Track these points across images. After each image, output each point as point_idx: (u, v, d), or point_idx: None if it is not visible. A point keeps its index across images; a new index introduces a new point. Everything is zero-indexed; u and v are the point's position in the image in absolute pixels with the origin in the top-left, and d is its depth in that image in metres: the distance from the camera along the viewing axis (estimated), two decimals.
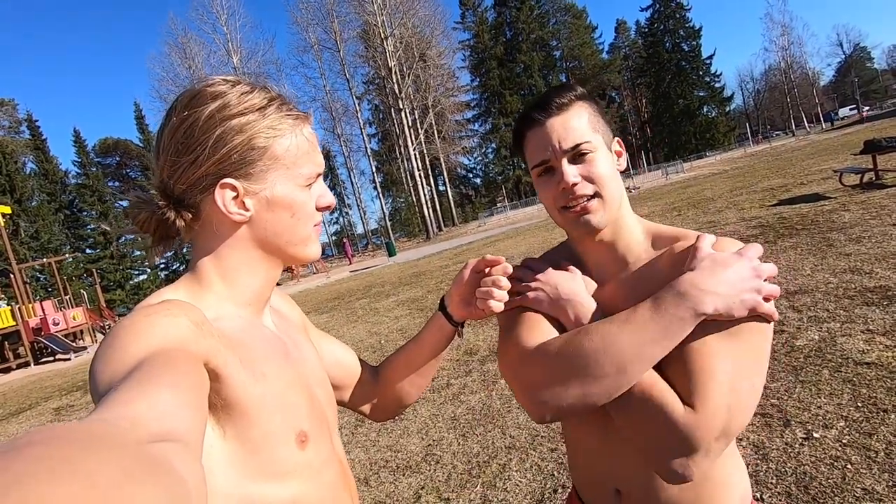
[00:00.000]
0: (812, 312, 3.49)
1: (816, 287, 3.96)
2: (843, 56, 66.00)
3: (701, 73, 53.44)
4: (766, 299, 0.65)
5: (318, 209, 0.68)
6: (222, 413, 0.54)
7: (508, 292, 0.80)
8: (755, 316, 0.65)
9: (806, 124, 51.95)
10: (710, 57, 53.45)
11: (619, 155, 0.79)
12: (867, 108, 50.35)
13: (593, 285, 0.79)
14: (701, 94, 53.77)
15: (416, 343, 0.90)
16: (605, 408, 0.67)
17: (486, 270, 0.83)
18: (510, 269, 0.79)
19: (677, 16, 53.22)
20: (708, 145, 52.01)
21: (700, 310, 0.61)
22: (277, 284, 0.73)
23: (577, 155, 0.72)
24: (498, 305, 0.79)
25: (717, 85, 53.93)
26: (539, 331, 0.74)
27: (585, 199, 0.72)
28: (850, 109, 52.45)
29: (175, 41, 34.71)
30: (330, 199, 0.70)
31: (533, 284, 0.79)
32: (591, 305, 0.74)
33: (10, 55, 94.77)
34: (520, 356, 0.72)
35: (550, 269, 0.80)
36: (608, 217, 0.74)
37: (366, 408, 0.91)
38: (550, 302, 0.76)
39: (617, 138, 0.80)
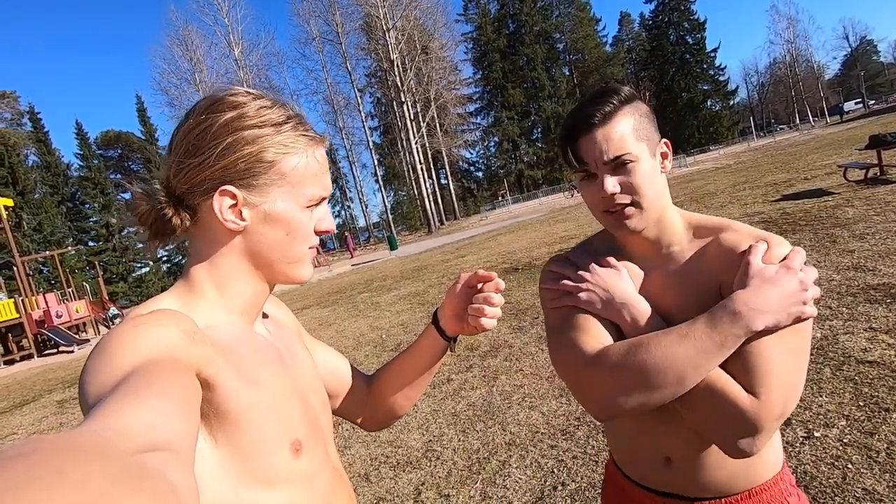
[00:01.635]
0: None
1: (819, 284, 3.92)
2: (849, 49, 65.30)
3: (705, 66, 53.01)
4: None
5: (316, 232, 0.68)
6: (214, 421, 0.54)
7: (556, 289, 0.83)
8: None
9: (811, 118, 51.60)
10: (715, 50, 53.01)
11: (664, 156, 0.81)
12: (872, 101, 49.97)
13: (639, 273, 0.83)
14: (705, 87, 53.37)
15: (409, 356, 0.89)
16: None
17: (479, 286, 0.82)
18: (502, 286, 0.80)
19: (682, 8, 52.70)
20: (711, 139, 51.71)
21: (752, 328, 0.67)
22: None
23: (618, 165, 0.74)
24: (490, 323, 0.79)
25: (721, 78, 53.52)
26: (595, 335, 0.77)
27: (624, 206, 0.76)
28: (856, 103, 52.05)
29: (176, 33, 34.54)
30: (329, 224, 0.69)
31: (583, 285, 0.81)
32: (647, 309, 0.77)
33: (11, 47, 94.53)
34: (581, 362, 0.75)
35: (598, 269, 0.82)
36: (647, 221, 0.78)
37: (358, 417, 0.90)
38: (605, 305, 0.79)
39: (664, 140, 0.81)
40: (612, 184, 0.74)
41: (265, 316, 0.74)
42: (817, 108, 56.02)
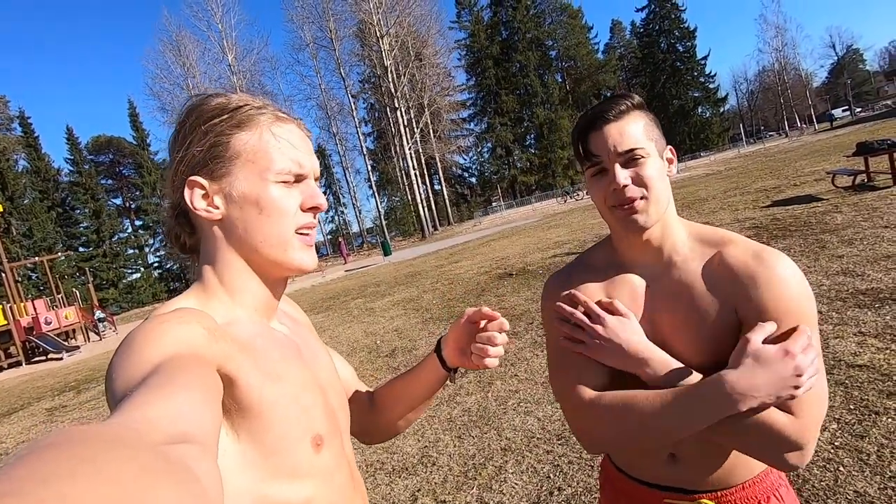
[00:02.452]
0: None
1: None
2: (836, 58, 66.51)
3: (696, 73, 53.74)
4: None
5: (304, 209, 0.66)
6: (237, 416, 0.55)
7: (565, 322, 0.84)
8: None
9: (799, 125, 52.29)
10: (705, 58, 53.79)
11: (670, 162, 0.84)
12: (859, 109, 50.74)
13: (641, 286, 0.84)
14: (695, 94, 54.09)
15: (409, 380, 0.89)
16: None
17: (483, 324, 0.81)
18: (506, 326, 0.80)
19: (672, 16, 53.46)
20: (702, 146, 52.31)
21: (736, 409, 0.69)
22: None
23: (630, 159, 0.77)
24: (493, 362, 0.79)
25: (711, 86, 54.26)
26: (594, 372, 0.81)
27: (634, 200, 0.77)
28: (843, 111, 52.86)
29: (169, 38, 34.44)
30: (317, 200, 0.67)
31: (595, 337, 0.80)
32: (658, 358, 0.77)
33: (0, 51, 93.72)
34: (577, 401, 0.80)
35: (608, 320, 0.80)
36: (655, 217, 0.79)
37: (357, 430, 0.89)
38: (616, 359, 0.79)
39: (670, 146, 0.85)
40: (623, 175, 0.77)
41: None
42: (805, 116, 56.78)
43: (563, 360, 0.85)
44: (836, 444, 2.13)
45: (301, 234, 0.66)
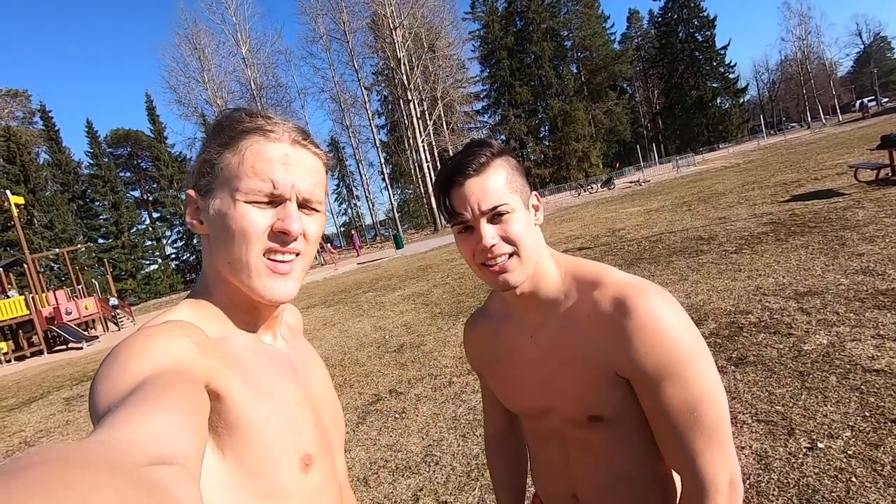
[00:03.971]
0: (821, 315, 3.42)
1: (826, 288, 3.88)
2: (862, 46, 64.40)
3: (715, 63, 52.52)
4: None
5: (273, 232, 0.60)
6: (224, 434, 0.54)
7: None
8: None
9: (822, 116, 50.88)
10: (725, 47, 52.50)
11: (536, 209, 0.80)
12: (886, 99, 49.14)
13: (523, 335, 0.84)
14: (714, 85, 52.90)
15: None
16: (561, 427, 0.80)
17: None
18: None
19: (691, 5, 52.22)
20: (721, 137, 51.23)
21: None
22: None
23: (495, 216, 0.73)
24: None
25: (731, 76, 52.98)
26: (492, 416, 1.05)
27: (503, 257, 0.74)
28: (869, 101, 51.29)
29: (185, 32, 34.79)
30: (286, 224, 0.60)
31: None
32: None
33: (23, 47, 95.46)
34: (484, 435, 1.09)
35: None
36: (526, 273, 0.76)
37: None
38: None
39: (535, 192, 0.81)
40: (490, 234, 0.73)
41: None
42: (829, 106, 55.25)
43: (483, 393, 1.04)
44: (848, 452, 2.06)
45: (272, 259, 0.61)
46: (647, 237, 8.15)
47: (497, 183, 0.73)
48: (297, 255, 0.63)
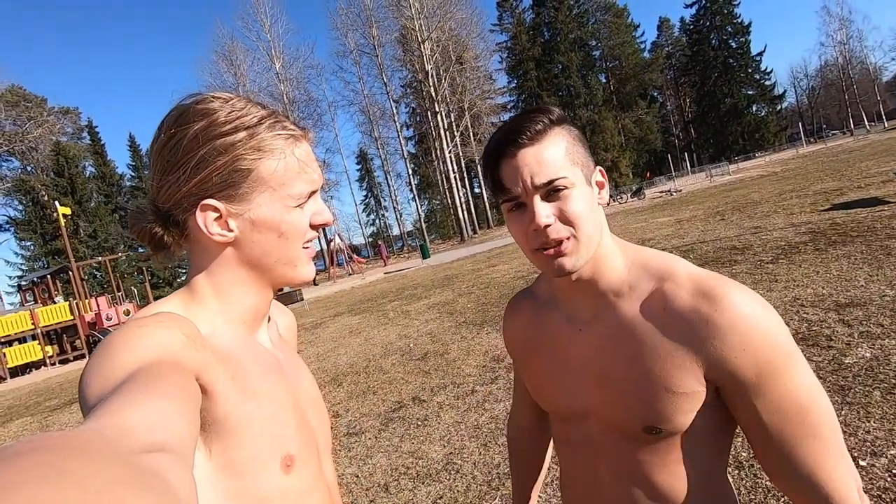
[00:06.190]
0: (864, 327, 3.25)
1: (870, 299, 3.68)
2: None
3: (750, 70, 51.21)
4: None
5: (312, 227, 0.66)
6: (210, 431, 0.54)
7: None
8: None
9: (866, 123, 48.79)
10: (761, 53, 51.23)
11: (601, 186, 0.70)
12: None
13: (570, 329, 0.74)
14: (749, 92, 51.51)
15: None
16: (598, 437, 0.71)
17: None
18: None
19: (725, 11, 51.20)
20: (757, 146, 49.73)
21: None
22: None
23: (551, 191, 0.63)
24: None
25: (767, 82, 51.51)
26: (522, 411, 0.97)
27: (560, 241, 0.64)
28: None
29: (222, 48, 36.19)
30: (325, 217, 0.67)
31: None
32: None
33: (74, 64, 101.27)
34: (508, 427, 1.03)
35: None
36: (586, 258, 0.66)
37: None
38: None
39: (599, 168, 0.71)
40: (545, 213, 0.63)
41: (269, 319, 0.74)
42: (874, 112, 52.97)
43: (514, 382, 0.97)
44: (894, 471, 1.93)
45: (306, 247, 0.66)
46: (677, 247, 7.94)
47: (555, 154, 0.63)
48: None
